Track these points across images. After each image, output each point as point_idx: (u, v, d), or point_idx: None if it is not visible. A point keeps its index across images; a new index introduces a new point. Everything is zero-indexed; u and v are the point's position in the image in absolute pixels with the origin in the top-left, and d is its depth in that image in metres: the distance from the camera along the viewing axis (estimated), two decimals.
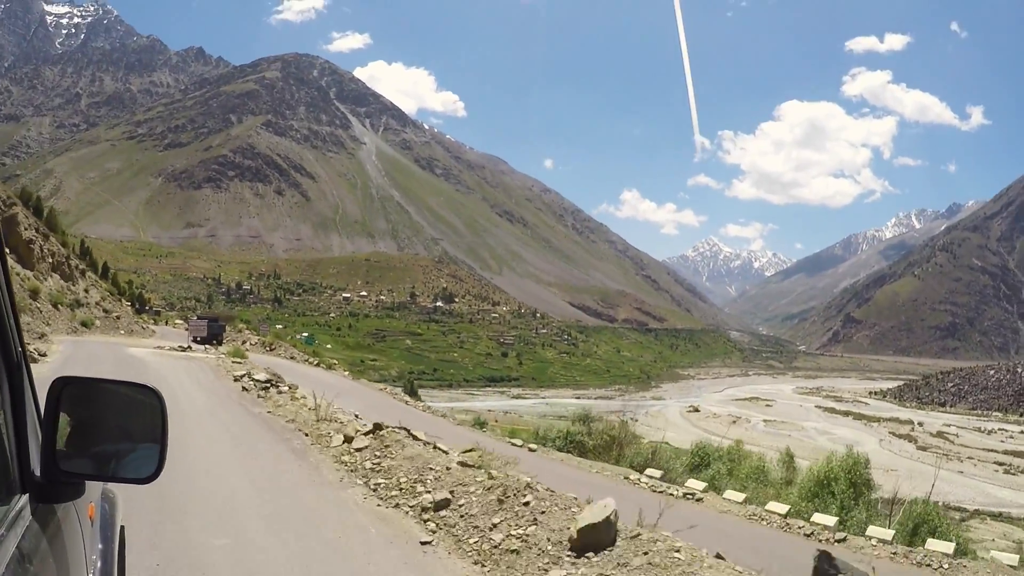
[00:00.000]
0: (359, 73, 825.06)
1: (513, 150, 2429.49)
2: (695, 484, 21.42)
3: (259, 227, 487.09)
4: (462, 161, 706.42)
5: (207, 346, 55.31)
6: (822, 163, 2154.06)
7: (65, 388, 2.86)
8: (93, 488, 3.80)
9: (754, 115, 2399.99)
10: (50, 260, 64.35)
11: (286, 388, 25.72)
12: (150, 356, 38.67)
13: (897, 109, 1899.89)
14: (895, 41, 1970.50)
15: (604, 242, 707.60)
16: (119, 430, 3.23)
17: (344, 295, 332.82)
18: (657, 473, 22.45)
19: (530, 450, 25.46)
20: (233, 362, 36.05)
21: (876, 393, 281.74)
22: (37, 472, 2.77)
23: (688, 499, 19.31)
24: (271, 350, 63.66)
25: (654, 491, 19.43)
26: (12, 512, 2.50)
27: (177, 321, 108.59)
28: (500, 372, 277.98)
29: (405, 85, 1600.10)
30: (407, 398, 45.19)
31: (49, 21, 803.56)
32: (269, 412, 20.76)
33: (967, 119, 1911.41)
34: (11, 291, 2.54)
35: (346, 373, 59.75)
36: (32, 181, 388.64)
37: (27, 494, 2.67)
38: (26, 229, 61.35)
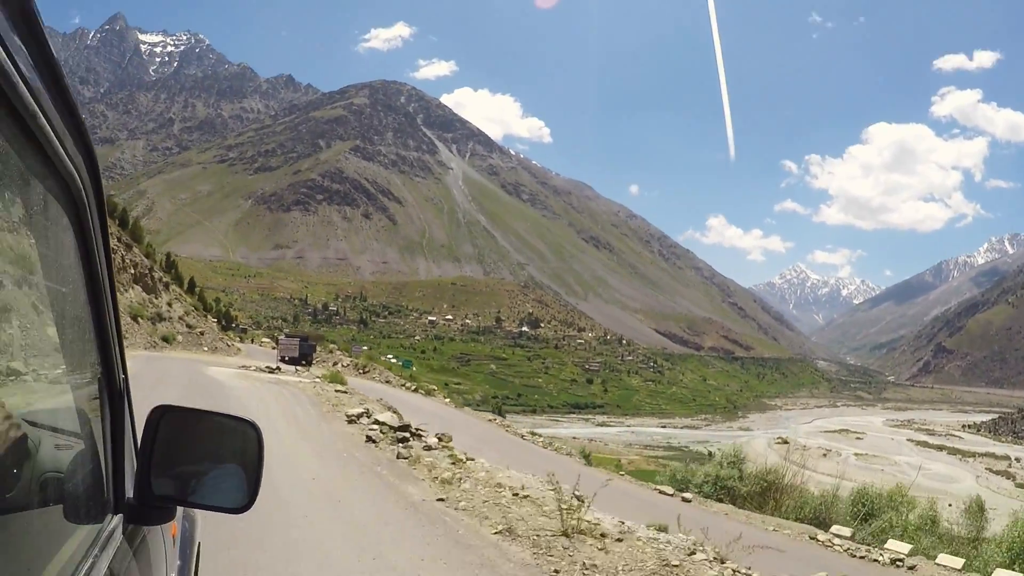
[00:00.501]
0: (445, 100, 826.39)
1: (598, 176, 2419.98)
2: (896, 546, 17.31)
3: (346, 250, 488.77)
4: (548, 186, 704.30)
5: (297, 367, 49.89)
6: (911, 187, 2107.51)
7: (164, 416, 2.93)
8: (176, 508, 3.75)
9: (841, 138, 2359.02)
10: (132, 271, 59.71)
11: (433, 440, 18.52)
12: (233, 379, 33.74)
13: (988, 129, 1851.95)
14: (984, 58, 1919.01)
15: (690, 268, 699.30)
16: (214, 459, 3.26)
17: (429, 318, 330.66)
18: (846, 531, 18.57)
19: (684, 500, 21.47)
20: (336, 391, 30.53)
21: (969, 427, 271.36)
22: (130, 495, 2.88)
23: (897, 567, 15.80)
24: (364, 373, 58.45)
25: (852, 555, 16.31)
26: (105, 532, 2.58)
27: (264, 339, 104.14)
28: (585, 399, 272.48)
29: (491, 111, 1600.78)
30: (523, 432, 39.58)
31: (143, 49, 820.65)
32: (441, 501, 12.83)
33: None
34: (119, 322, 2.09)
35: (447, 400, 54.39)
36: (125, 201, 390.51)
37: (120, 515, 2.79)
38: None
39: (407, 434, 18.86)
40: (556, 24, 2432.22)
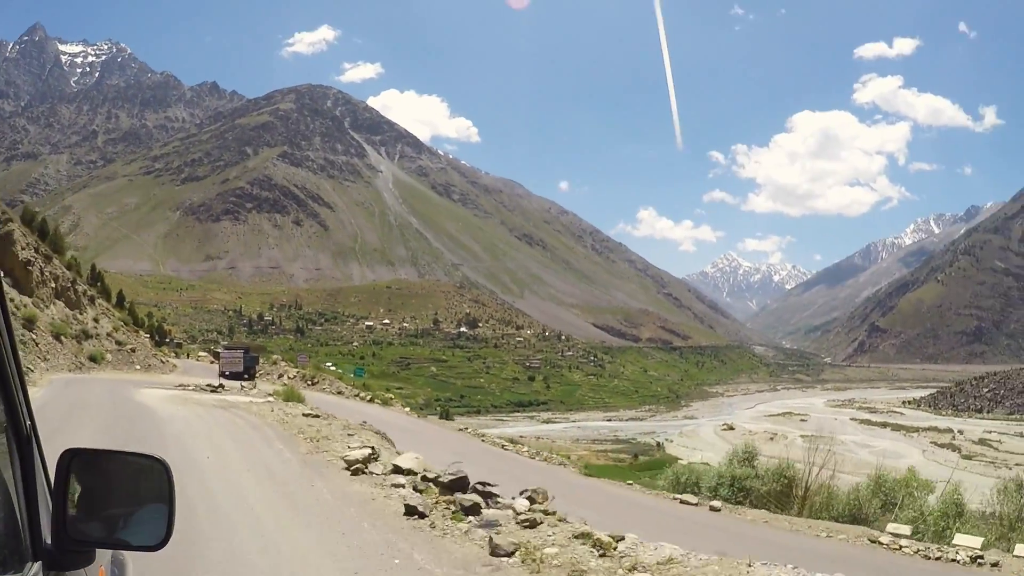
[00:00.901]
0: (372, 102, 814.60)
1: (528, 174, 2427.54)
2: (966, 540, 15.69)
3: (279, 258, 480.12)
4: (479, 186, 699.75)
5: (242, 383, 44.97)
6: (837, 172, 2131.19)
7: (74, 459, 2.90)
8: (104, 552, 3.83)
9: (767, 128, 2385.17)
10: (53, 285, 54.50)
11: (522, 502, 12.91)
12: (169, 403, 29.06)
13: (910, 114, 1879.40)
14: (904, 45, 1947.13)
15: (624, 262, 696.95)
16: (128, 499, 3.26)
17: (367, 323, 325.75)
18: (905, 529, 16.91)
19: (713, 509, 19.75)
20: (304, 414, 26.22)
21: (909, 402, 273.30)
22: (48, 540, 2.80)
23: (979, 565, 14.46)
24: (313, 384, 54.17)
25: (927, 557, 14.80)
26: None
27: (201, 353, 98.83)
28: (528, 396, 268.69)
29: (419, 113, 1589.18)
30: (503, 443, 35.51)
31: (64, 60, 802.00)
32: None
33: (980, 120, 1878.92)
34: (19, 366, 2.53)
35: (406, 409, 50.31)
36: (51, 218, 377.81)
37: (39, 562, 2.69)
38: (23, 249, 51.64)
39: (472, 494, 12.75)
40: (482, 23, 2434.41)
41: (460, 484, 13.47)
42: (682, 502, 20.68)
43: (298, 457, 17.87)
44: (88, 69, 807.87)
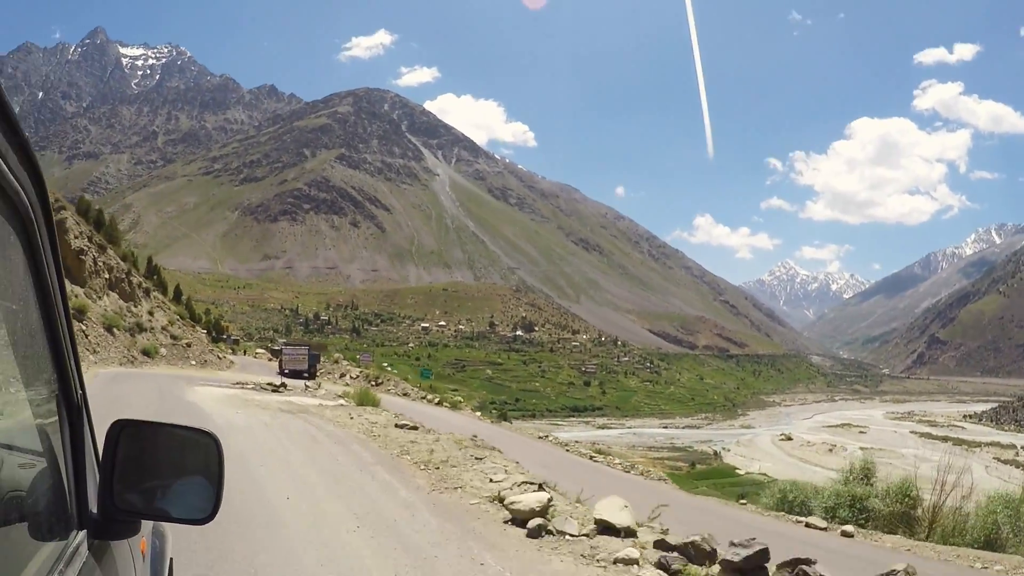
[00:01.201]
0: (429, 106, 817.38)
1: (584, 178, 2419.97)
2: None
3: (335, 258, 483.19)
4: (535, 190, 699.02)
5: (306, 383, 41.73)
6: (897, 180, 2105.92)
7: (123, 430, 2.93)
8: (146, 524, 3.87)
9: (825, 135, 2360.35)
10: (106, 276, 51.64)
11: None
12: (227, 406, 25.59)
13: (971, 121, 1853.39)
14: (964, 51, 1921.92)
15: (680, 268, 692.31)
16: (176, 472, 3.28)
17: (422, 325, 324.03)
18: None
19: (845, 535, 16.98)
20: (397, 425, 22.28)
21: (971, 416, 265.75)
22: (94, 510, 2.87)
23: None
24: (377, 385, 50.79)
25: None
26: (70, 548, 2.57)
27: (258, 350, 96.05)
28: (583, 402, 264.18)
29: (475, 117, 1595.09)
30: (590, 454, 32.19)
31: (125, 63, 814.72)
32: None
33: None
34: (73, 337, 2.25)
35: (477, 414, 46.81)
36: (110, 215, 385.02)
37: (84, 530, 2.77)
38: (76, 237, 48.78)
39: None
40: (537, 28, 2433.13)
41: (757, 564, 8.60)
42: (808, 525, 17.96)
43: (423, 498, 12.31)
44: (148, 72, 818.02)
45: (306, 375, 46.95)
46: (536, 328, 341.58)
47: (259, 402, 27.61)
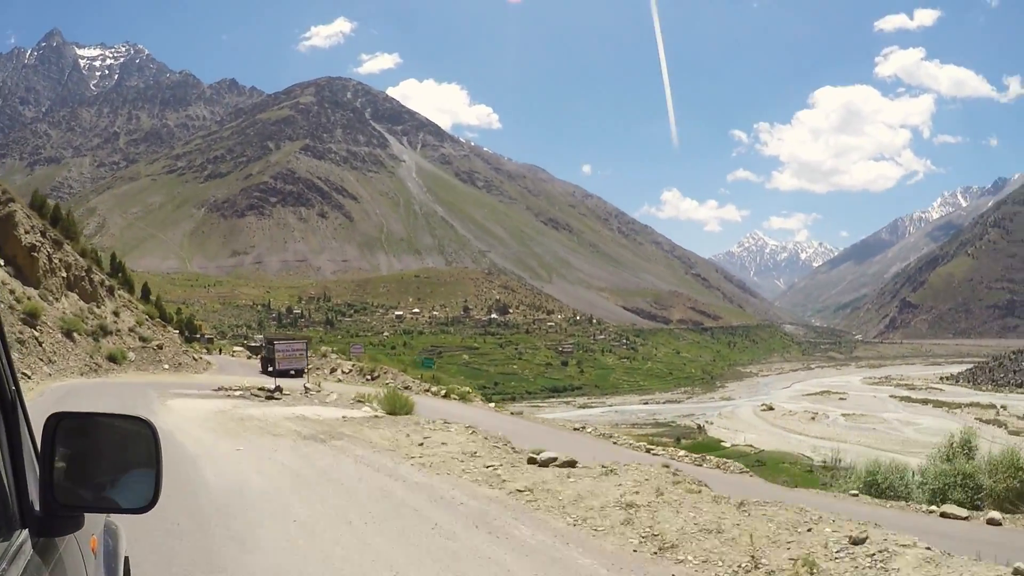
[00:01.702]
0: (392, 92, 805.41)
1: (550, 159, 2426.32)
2: None
3: (305, 251, 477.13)
4: (502, 172, 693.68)
5: (305, 385, 36.50)
6: (861, 148, 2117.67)
7: (60, 423, 2.85)
8: (95, 521, 3.83)
9: (788, 105, 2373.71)
10: (63, 274, 46.00)
11: None
12: (219, 429, 20.13)
13: (933, 86, 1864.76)
14: (925, 16, 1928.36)
15: (650, 243, 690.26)
16: (115, 462, 3.23)
17: (396, 313, 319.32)
18: None
19: (991, 522, 14.40)
20: (534, 460, 15.77)
21: (947, 378, 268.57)
22: (36, 507, 2.77)
23: None
24: (374, 378, 45.76)
25: None
26: (13, 547, 2.48)
27: (235, 348, 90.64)
28: (562, 382, 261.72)
29: (438, 101, 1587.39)
30: (630, 441, 27.73)
31: (82, 64, 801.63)
32: None
33: (1005, 90, 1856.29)
34: (3, 333, 2.27)
35: (491, 405, 41.94)
36: (78, 224, 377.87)
37: (27, 529, 2.66)
38: (27, 232, 43.19)
39: None
40: (498, 10, 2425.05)
41: None
42: (943, 515, 15.27)
43: None
44: (107, 72, 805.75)
45: (293, 373, 41.48)
46: (511, 310, 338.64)
47: (260, 420, 21.90)
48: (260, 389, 30.55)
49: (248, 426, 20.89)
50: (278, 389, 30.65)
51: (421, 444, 17.56)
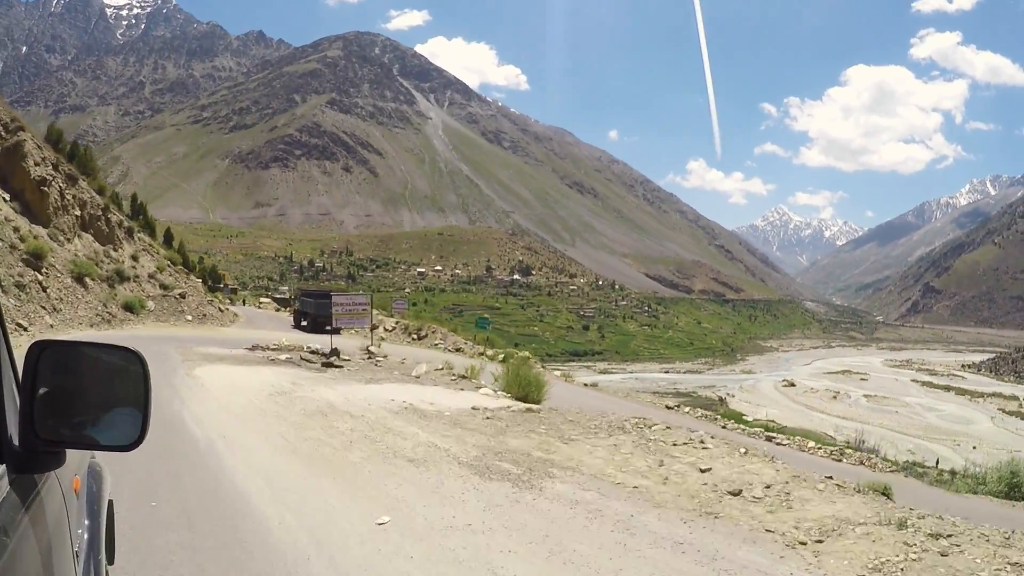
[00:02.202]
0: (420, 50, 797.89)
1: (577, 122, 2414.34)
2: None
3: (328, 204, 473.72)
4: (529, 133, 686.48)
5: (368, 348, 31.42)
6: (892, 128, 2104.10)
7: (43, 352, 2.71)
8: (79, 462, 3.66)
9: (820, 81, 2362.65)
10: (77, 212, 41.02)
11: None
12: (289, 453, 11.71)
13: (968, 72, 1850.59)
14: (964, 0, 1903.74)
15: (675, 212, 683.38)
16: (101, 396, 3.06)
17: (418, 270, 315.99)
18: None
19: None
20: None
21: (969, 366, 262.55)
22: (15, 441, 2.62)
23: None
24: (420, 338, 41.07)
25: None
26: None
27: (261, 300, 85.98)
28: (583, 346, 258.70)
29: (466, 60, 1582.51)
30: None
31: (109, 13, 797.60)
32: None
33: None
34: None
35: (556, 372, 37.13)
36: (100, 168, 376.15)
37: (4, 464, 2.52)
38: (37, 165, 38.25)
39: None
40: None
41: None
42: None
43: None
44: (134, 21, 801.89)
45: (329, 328, 36.59)
46: (533, 272, 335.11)
47: (352, 415, 14.96)
48: (312, 352, 25.54)
49: (342, 430, 13.46)
50: (335, 353, 25.34)
51: (709, 486, 10.68)
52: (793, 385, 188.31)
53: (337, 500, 9.34)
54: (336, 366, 22.85)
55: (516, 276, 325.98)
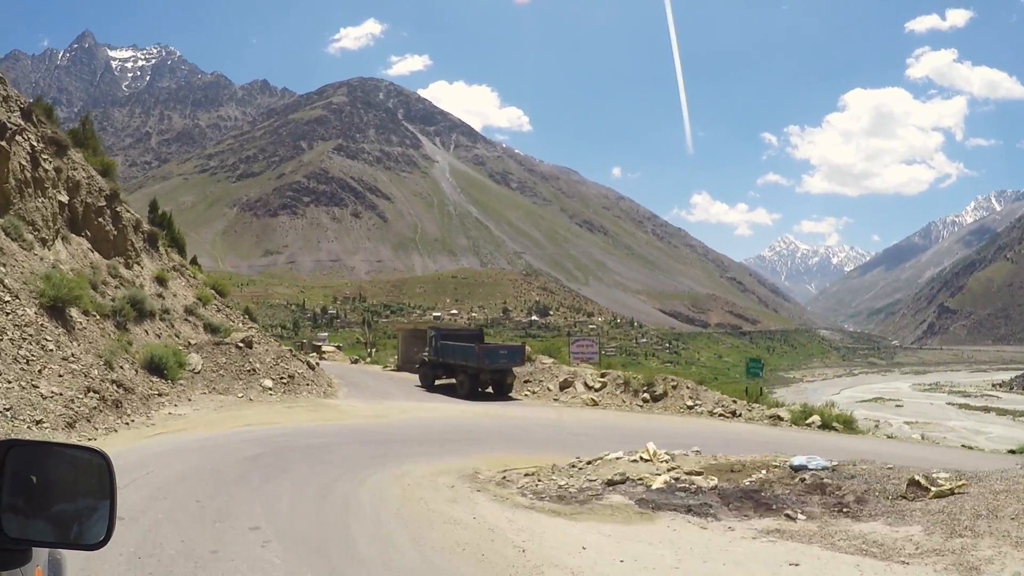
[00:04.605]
0: (422, 94, 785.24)
1: (580, 161, 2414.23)
2: None
3: (338, 251, 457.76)
4: (536, 173, 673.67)
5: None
6: (893, 150, 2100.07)
7: (10, 452, 2.68)
8: (40, 552, 3.43)
9: (819, 107, 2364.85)
10: (63, 197, 22.36)
11: None
12: None
13: (965, 88, 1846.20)
14: (957, 17, 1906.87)
15: (684, 246, 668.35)
16: (68, 495, 3.01)
17: (434, 314, 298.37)
18: None
19: None
20: None
21: (1000, 385, 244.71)
22: None
23: None
24: (655, 399, 24.05)
25: None
26: None
27: (324, 348, 67.28)
28: None
29: (469, 103, 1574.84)
30: None
31: (114, 66, 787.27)
32: None
33: None
34: None
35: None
36: (85, 115, 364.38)
37: None
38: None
39: None
40: (527, 11, 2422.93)
41: None
42: None
43: None
44: (139, 73, 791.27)
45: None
46: (551, 312, 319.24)
47: None
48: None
49: None
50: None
51: None
52: None
53: None
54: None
55: (534, 317, 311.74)
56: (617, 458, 15.66)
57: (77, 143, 30.89)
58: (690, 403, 30.59)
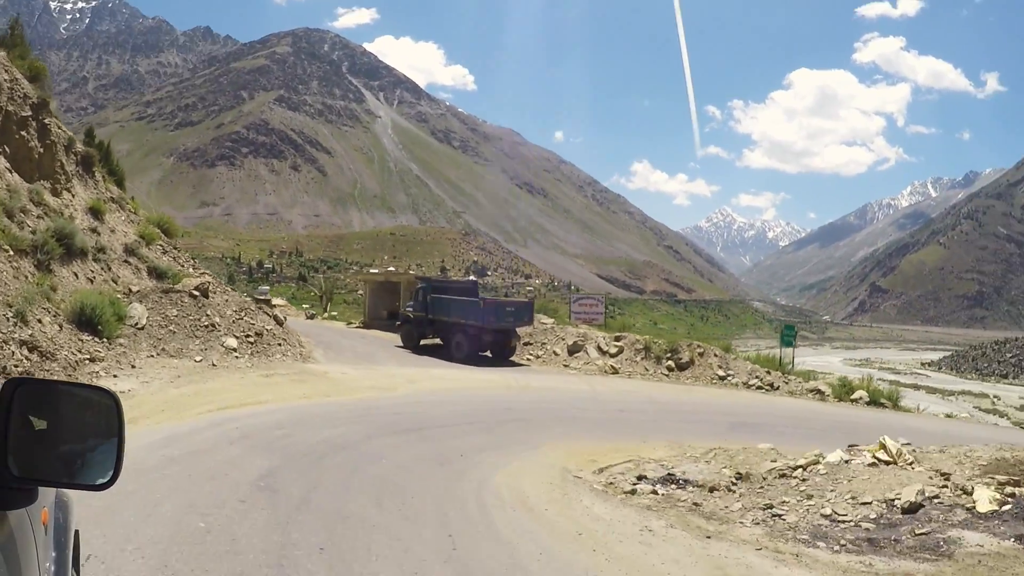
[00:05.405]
0: (368, 48, 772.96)
1: (523, 123, 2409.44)
2: None
3: (276, 204, 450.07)
4: (478, 133, 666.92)
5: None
6: (834, 131, 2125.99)
7: (17, 390, 2.63)
8: (46, 493, 3.51)
9: (764, 84, 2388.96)
10: None
11: None
12: None
13: (910, 76, 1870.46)
14: (908, 5, 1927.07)
15: (623, 213, 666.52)
16: (75, 434, 2.99)
17: (371, 270, 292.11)
18: None
19: None
20: None
21: (929, 364, 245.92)
22: None
23: None
24: (680, 368, 22.04)
25: None
26: None
27: (277, 302, 62.73)
28: None
29: (414, 59, 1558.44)
30: None
31: (53, 7, 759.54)
32: None
33: (982, 86, 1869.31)
34: None
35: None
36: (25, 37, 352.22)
37: None
38: None
39: None
40: None
41: None
42: None
43: None
44: (78, 15, 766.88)
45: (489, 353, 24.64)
46: (489, 272, 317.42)
47: None
48: None
49: None
50: None
51: None
52: None
53: None
54: None
55: (472, 276, 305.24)
56: (846, 461, 11.68)
57: (2, 45, 25.80)
58: (721, 373, 27.19)
